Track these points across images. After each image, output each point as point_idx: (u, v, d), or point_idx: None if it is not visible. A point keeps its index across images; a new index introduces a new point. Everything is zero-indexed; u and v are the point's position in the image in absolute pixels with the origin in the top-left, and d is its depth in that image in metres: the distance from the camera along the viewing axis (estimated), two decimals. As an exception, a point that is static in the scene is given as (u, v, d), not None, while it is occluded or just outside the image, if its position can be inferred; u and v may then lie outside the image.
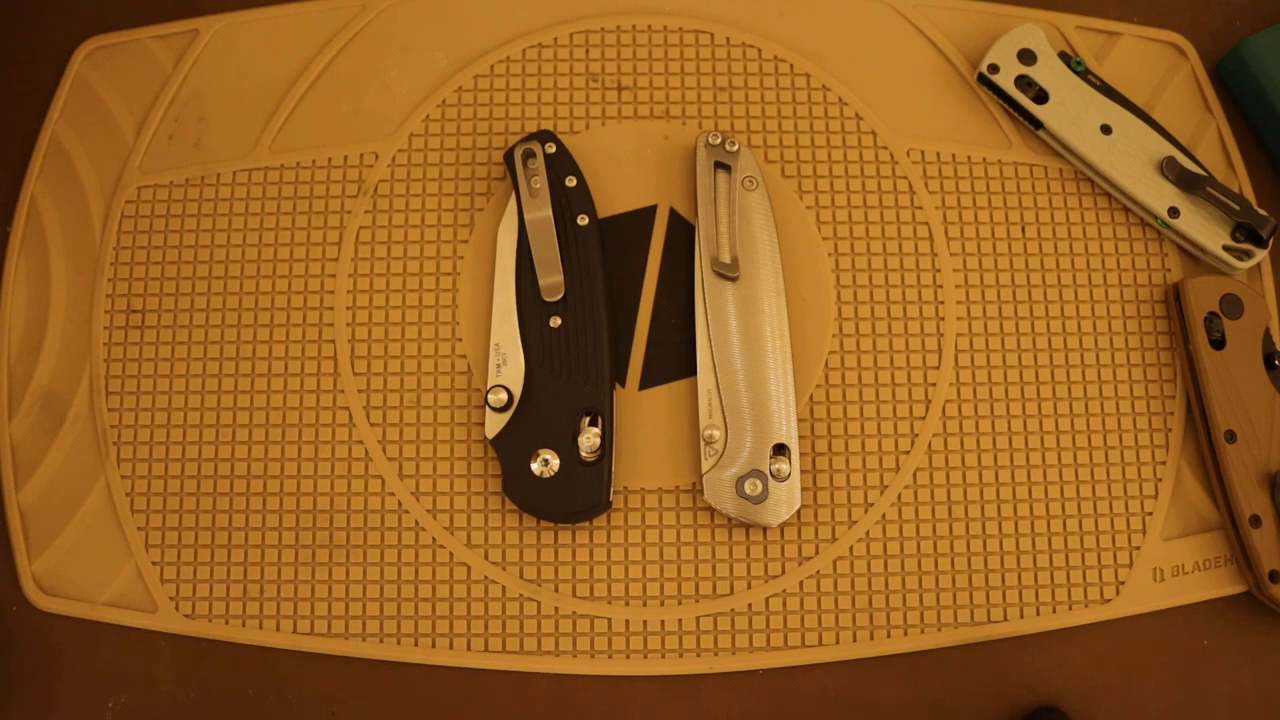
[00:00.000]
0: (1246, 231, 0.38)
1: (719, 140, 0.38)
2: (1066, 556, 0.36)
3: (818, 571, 0.36)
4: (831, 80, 0.40)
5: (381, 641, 0.35)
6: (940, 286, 0.38)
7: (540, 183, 0.37)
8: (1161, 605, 0.36)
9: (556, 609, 0.35)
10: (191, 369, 0.38)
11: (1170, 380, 0.38)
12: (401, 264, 0.38)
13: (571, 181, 0.37)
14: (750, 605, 0.35)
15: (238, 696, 0.35)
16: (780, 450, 0.35)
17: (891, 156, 0.39)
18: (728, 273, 0.36)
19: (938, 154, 0.40)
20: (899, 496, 0.36)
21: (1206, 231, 0.38)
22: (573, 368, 0.35)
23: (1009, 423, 0.37)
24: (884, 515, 0.36)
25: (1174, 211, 0.38)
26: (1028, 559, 0.36)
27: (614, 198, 0.39)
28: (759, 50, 0.40)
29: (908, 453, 0.37)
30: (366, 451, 0.37)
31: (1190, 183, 0.38)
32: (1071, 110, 0.39)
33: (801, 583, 0.36)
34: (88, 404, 0.37)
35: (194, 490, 0.36)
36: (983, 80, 0.40)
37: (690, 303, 0.37)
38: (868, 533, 0.36)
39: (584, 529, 0.36)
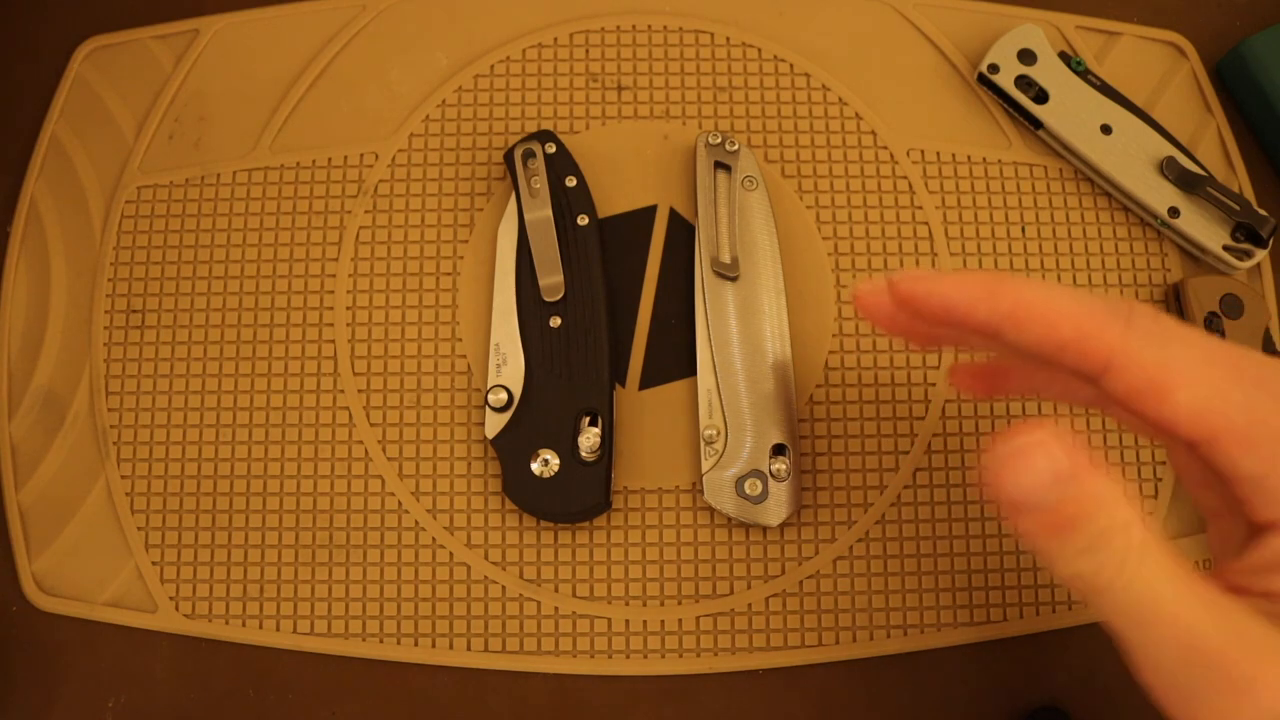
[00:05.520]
0: (1246, 231, 0.38)
1: (719, 140, 0.38)
2: (1066, 556, 0.36)
3: (818, 571, 0.36)
4: (831, 80, 0.40)
5: (381, 641, 0.35)
6: (940, 286, 0.38)
7: (540, 183, 0.37)
8: (1161, 605, 0.36)
9: (556, 609, 0.35)
10: (191, 369, 0.38)
11: (1170, 380, 0.38)
12: (401, 264, 0.38)
13: (571, 181, 0.37)
14: (750, 605, 0.35)
15: (238, 696, 0.35)
16: (780, 450, 0.35)
17: (891, 156, 0.39)
18: (728, 273, 0.36)
19: (938, 154, 0.40)
20: (899, 496, 0.36)
21: (1206, 231, 0.38)
22: (573, 368, 0.35)
23: (1009, 422, 0.37)
24: (884, 515, 0.36)
25: (1174, 211, 0.38)
26: (1027, 559, 0.36)
27: (614, 198, 0.39)
28: (759, 50, 0.40)
29: (907, 453, 0.37)
30: (366, 451, 0.37)
31: (1190, 183, 0.38)
32: (1071, 110, 0.39)
33: (801, 583, 0.36)
34: (88, 404, 0.37)
35: (194, 490, 0.37)
36: (983, 80, 0.40)
37: (690, 303, 0.37)
38: (867, 532, 0.36)
39: (584, 529, 0.36)
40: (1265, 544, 0.22)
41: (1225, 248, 0.38)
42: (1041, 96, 0.39)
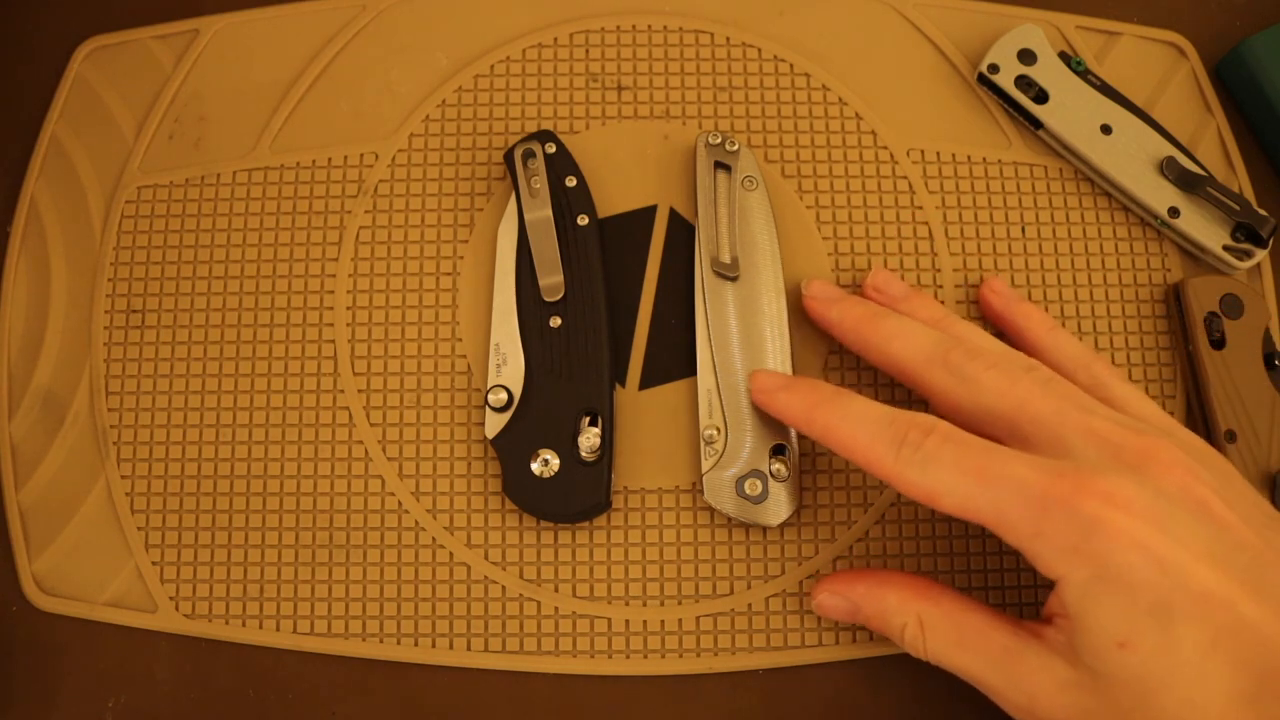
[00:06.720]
0: (1246, 231, 0.38)
1: (719, 140, 0.38)
2: (1066, 556, 0.36)
3: (818, 571, 0.36)
4: (831, 80, 0.40)
5: (381, 641, 0.35)
6: (940, 287, 0.38)
7: (540, 183, 0.37)
8: (1161, 605, 0.36)
9: (556, 609, 0.35)
10: (191, 369, 0.38)
11: (1170, 380, 0.38)
12: (401, 264, 0.38)
13: (571, 181, 0.37)
14: (750, 605, 0.35)
15: (238, 696, 0.35)
16: (780, 450, 0.35)
17: (891, 156, 0.39)
18: (728, 273, 0.36)
19: (938, 154, 0.40)
20: (899, 496, 0.36)
21: (1206, 231, 0.38)
22: (573, 368, 0.35)
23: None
24: (884, 515, 0.36)
25: (1174, 211, 0.38)
26: (1026, 559, 0.36)
27: (614, 198, 0.39)
28: (759, 50, 0.40)
29: (908, 453, 0.37)
30: (366, 451, 0.37)
31: (1190, 183, 0.38)
32: (1071, 110, 0.39)
33: (801, 583, 0.36)
34: (88, 404, 0.37)
35: (194, 490, 0.37)
36: (983, 80, 0.40)
37: (690, 303, 0.37)
38: (867, 532, 0.36)
39: (584, 529, 0.36)
40: (1054, 592, 0.28)
41: (1225, 248, 0.38)
42: (1041, 96, 0.39)
